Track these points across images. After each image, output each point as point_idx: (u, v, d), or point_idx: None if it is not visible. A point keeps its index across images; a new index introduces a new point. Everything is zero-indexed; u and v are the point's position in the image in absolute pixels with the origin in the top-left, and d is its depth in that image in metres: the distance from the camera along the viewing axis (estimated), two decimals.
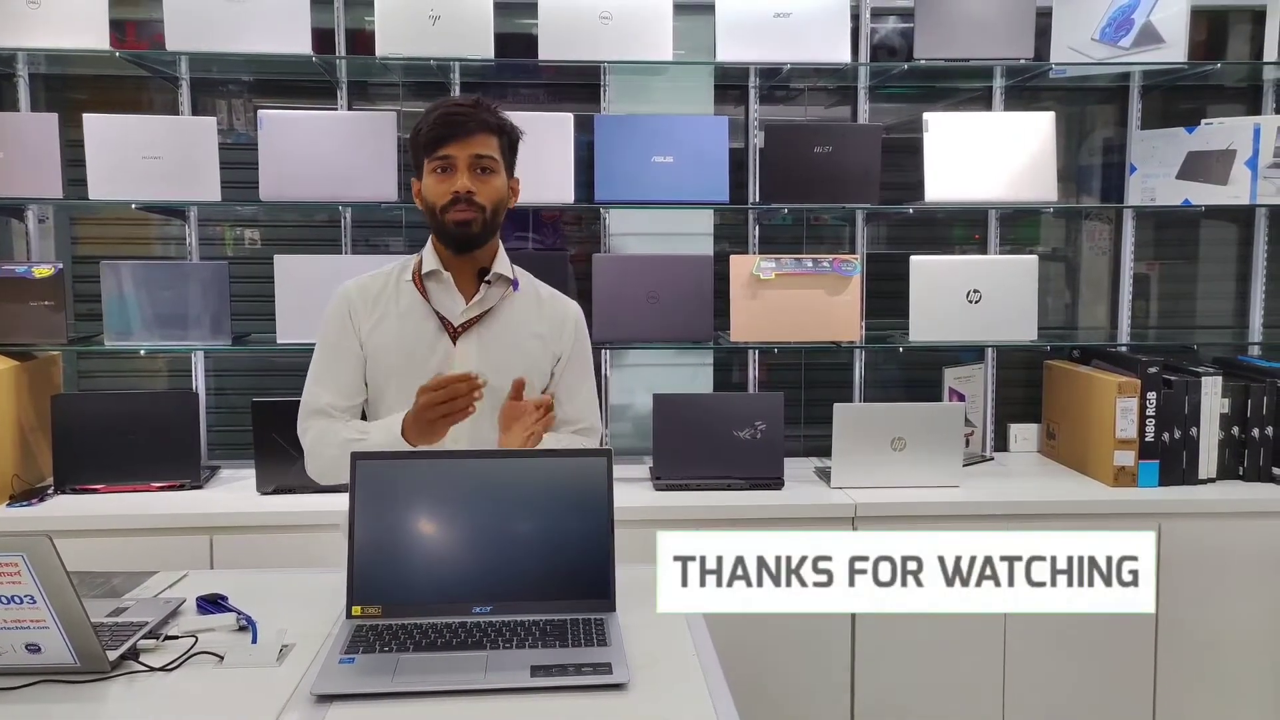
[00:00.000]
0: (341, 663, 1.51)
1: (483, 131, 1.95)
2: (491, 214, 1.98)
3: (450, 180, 1.95)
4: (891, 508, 2.81)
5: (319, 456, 2.00)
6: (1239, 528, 2.87)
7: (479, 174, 1.96)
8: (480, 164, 1.95)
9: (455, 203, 1.94)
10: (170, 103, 3.25)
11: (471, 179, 1.94)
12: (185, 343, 2.97)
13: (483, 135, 1.95)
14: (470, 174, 1.95)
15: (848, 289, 3.03)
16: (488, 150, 1.96)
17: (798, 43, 3.01)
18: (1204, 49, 3.50)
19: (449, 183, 1.95)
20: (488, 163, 1.96)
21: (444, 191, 1.95)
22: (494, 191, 1.98)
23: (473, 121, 1.94)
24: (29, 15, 2.87)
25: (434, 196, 1.96)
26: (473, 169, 1.95)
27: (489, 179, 1.97)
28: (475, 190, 1.94)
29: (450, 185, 1.94)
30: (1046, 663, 2.84)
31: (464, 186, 1.93)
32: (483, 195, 1.95)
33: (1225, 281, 3.62)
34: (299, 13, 2.92)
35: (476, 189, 1.94)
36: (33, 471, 2.92)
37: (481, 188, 1.95)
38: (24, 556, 1.41)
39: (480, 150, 1.95)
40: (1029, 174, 3.08)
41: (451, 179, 1.95)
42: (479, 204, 1.95)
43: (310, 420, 2.04)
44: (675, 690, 1.49)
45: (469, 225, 1.95)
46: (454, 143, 1.94)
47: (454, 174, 1.94)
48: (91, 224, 3.43)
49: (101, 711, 1.43)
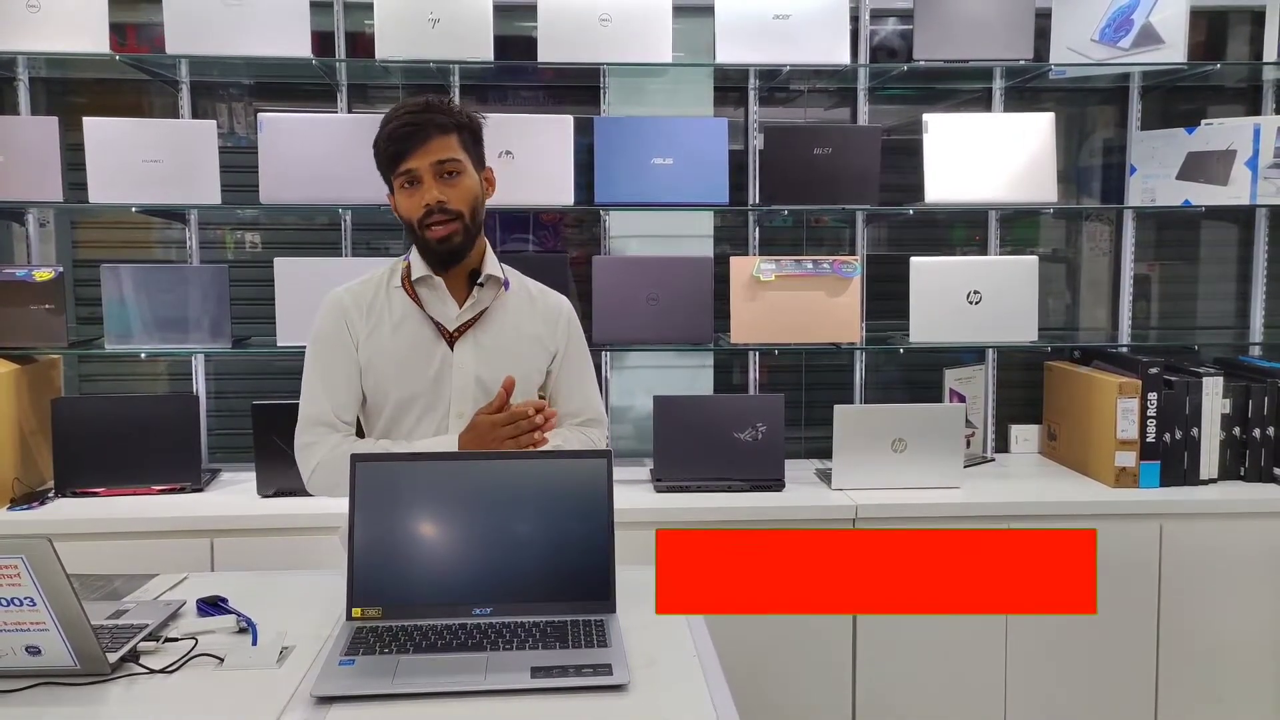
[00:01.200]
0: (341, 664, 1.51)
1: (439, 135, 1.92)
2: (470, 217, 1.96)
3: (419, 193, 1.92)
4: (892, 509, 2.81)
5: (335, 472, 1.93)
6: (1240, 528, 2.87)
7: (446, 179, 1.93)
8: (444, 169, 1.92)
9: (429, 215, 1.92)
10: (170, 106, 3.25)
11: (439, 187, 1.92)
12: (185, 346, 2.97)
13: (440, 139, 1.92)
14: (437, 182, 1.92)
15: (848, 290, 3.03)
16: (448, 153, 1.93)
17: (797, 44, 3.01)
18: (1204, 50, 3.50)
19: (418, 196, 1.92)
20: (451, 165, 1.93)
21: (415, 205, 1.93)
22: (466, 193, 1.95)
23: (427, 127, 1.91)
24: (29, 18, 2.87)
25: (407, 212, 1.95)
26: (438, 176, 1.92)
27: (457, 182, 1.94)
28: (446, 198, 1.92)
29: (420, 198, 1.92)
30: (1048, 664, 2.84)
31: (433, 198, 1.91)
32: (455, 201, 1.93)
33: (1226, 282, 3.62)
34: (299, 16, 2.92)
35: (447, 196, 1.92)
36: (33, 475, 2.92)
37: (452, 193, 1.93)
38: (23, 559, 1.41)
39: (440, 155, 1.92)
40: (1029, 175, 3.08)
41: (419, 191, 1.92)
42: (453, 211, 1.93)
43: (314, 433, 1.99)
44: (676, 691, 1.48)
45: (450, 240, 1.94)
46: (412, 155, 1.91)
47: (420, 186, 1.92)
48: (92, 228, 3.43)
49: (102, 714, 1.43)
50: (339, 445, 1.96)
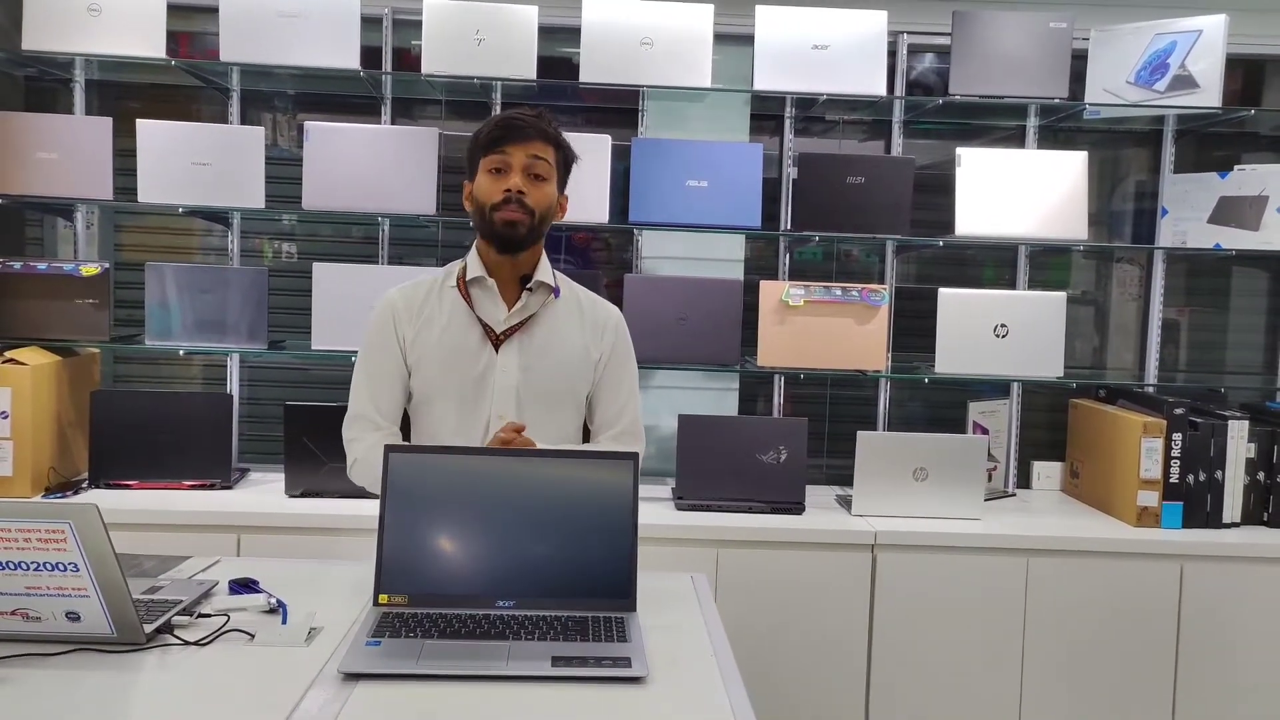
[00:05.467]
0: (368, 645, 1.54)
1: (542, 140, 2.01)
2: (539, 219, 2.02)
3: (504, 180, 1.99)
4: (911, 537, 2.82)
5: (371, 469, 1.99)
6: (1262, 573, 2.85)
7: (532, 178, 2.00)
8: (535, 168, 2.00)
9: (506, 202, 1.98)
10: (217, 115, 3.34)
11: (525, 181, 1.99)
12: (223, 345, 3.03)
13: (541, 143, 2.01)
14: (524, 176, 1.99)
15: (875, 319, 3.05)
16: (544, 155, 2.01)
17: (834, 75, 3.06)
18: (1239, 97, 3.53)
19: (503, 181, 1.99)
20: (542, 168, 2.01)
21: (497, 190, 1.99)
22: (544, 198, 2.02)
23: (533, 129, 2.00)
24: (89, 22, 2.97)
25: (486, 194, 2.01)
26: (527, 172, 2.00)
27: (541, 185, 2.01)
28: (527, 191, 1.99)
29: (503, 184, 1.99)
30: (1063, 701, 2.83)
31: (516, 185, 1.98)
32: (533, 198, 1.99)
33: (1255, 329, 3.63)
34: (349, 30, 3.00)
35: (528, 191, 1.99)
36: (69, 465, 2.98)
37: (533, 191, 2.00)
38: (71, 524, 1.46)
39: (537, 153, 2.00)
40: (1060, 212, 3.11)
41: (505, 179, 1.99)
42: (528, 206, 1.99)
43: (357, 428, 2.08)
44: (692, 686, 1.50)
45: (516, 226, 1.99)
46: (512, 144, 1.99)
47: (508, 174, 1.99)
48: (135, 231, 3.51)
49: (136, 681, 1.47)
50: (376, 445, 2.01)
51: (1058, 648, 2.83)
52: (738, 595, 2.75)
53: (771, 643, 2.78)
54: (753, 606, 2.77)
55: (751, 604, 2.77)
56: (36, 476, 2.83)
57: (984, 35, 3.10)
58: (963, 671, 2.82)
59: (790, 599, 2.79)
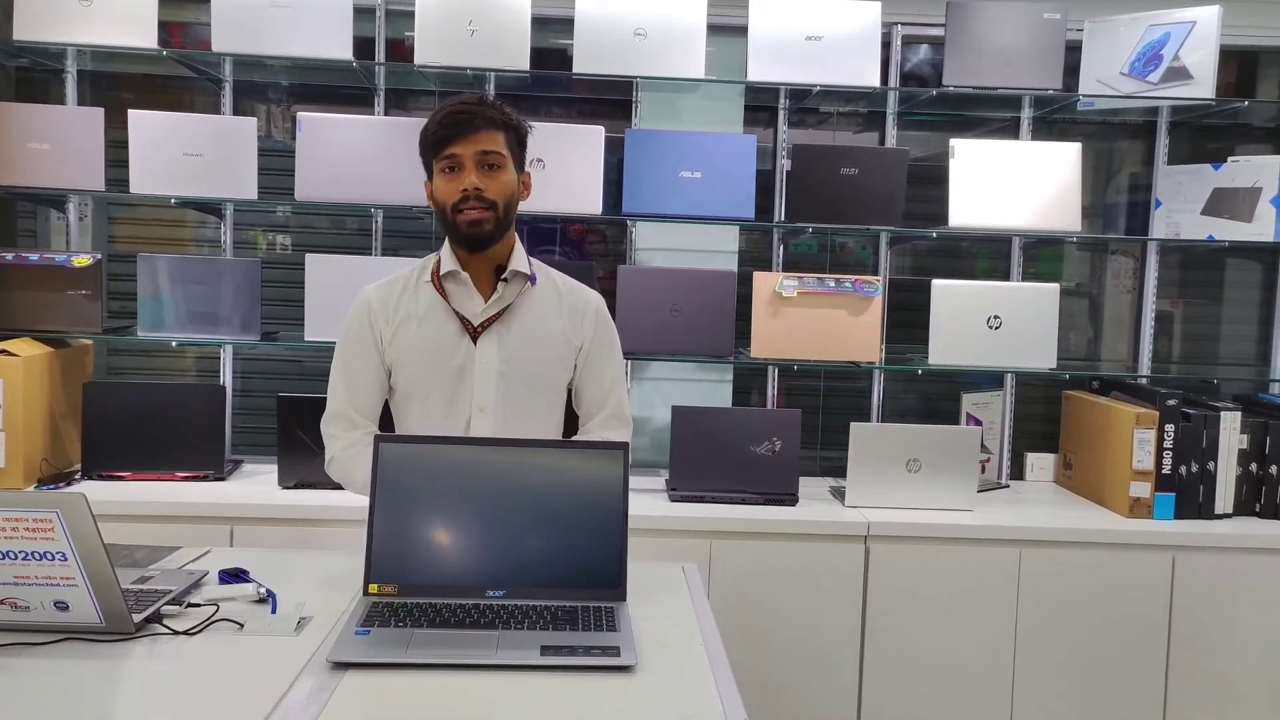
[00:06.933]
0: (357, 634, 1.54)
1: (488, 128, 1.98)
2: (503, 210, 2.00)
3: (458, 179, 1.97)
4: (904, 528, 2.82)
5: (352, 469, 2.04)
6: (1254, 564, 2.86)
7: (486, 170, 1.98)
8: (487, 160, 1.98)
9: (465, 200, 1.97)
10: (209, 106, 3.33)
11: (479, 176, 1.97)
12: (216, 336, 3.03)
13: (488, 132, 1.98)
14: (478, 171, 1.97)
15: (869, 310, 3.05)
16: (493, 146, 1.98)
17: (828, 66, 3.06)
18: (1234, 88, 3.53)
19: (457, 181, 1.98)
20: (494, 159, 1.99)
21: (453, 190, 1.98)
22: (503, 187, 2.00)
23: (478, 119, 1.97)
24: (80, 12, 2.96)
25: (443, 196, 2.00)
26: (480, 166, 1.98)
27: (497, 175, 1.99)
28: (483, 186, 1.97)
29: (458, 183, 1.97)
30: (1055, 692, 2.84)
31: (471, 184, 1.96)
32: (491, 191, 1.98)
33: (1248, 321, 3.63)
34: (342, 20, 2.99)
35: (485, 185, 1.97)
36: (61, 457, 2.98)
37: (490, 184, 1.98)
38: (58, 513, 1.46)
39: (486, 146, 1.98)
40: (1054, 204, 3.11)
41: (459, 177, 1.97)
42: (488, 200, 1.97)
43: (334, 425, 2.09)
44: (682, 675, 1.51)
45: (481, 225, 1.98)
46: (459, 141, 1.97)
47: (461, 172, 1.97)
48: (127, 222, 3.50)
49: (125, 670, 1.47)
50: (351, 446, 2.05)
51: (1050, 638, 2.84)
52: (731, 586, 2.75)
53: (764, 633, 2.79)
54: (746, 597, 2.77)
55: (745, 595, 2.77)
56: (29, 468, 2.82)
57: (978, 26, 3.09)
58: (955, 662, 2.83)
59: (783, 590, 2.80)
